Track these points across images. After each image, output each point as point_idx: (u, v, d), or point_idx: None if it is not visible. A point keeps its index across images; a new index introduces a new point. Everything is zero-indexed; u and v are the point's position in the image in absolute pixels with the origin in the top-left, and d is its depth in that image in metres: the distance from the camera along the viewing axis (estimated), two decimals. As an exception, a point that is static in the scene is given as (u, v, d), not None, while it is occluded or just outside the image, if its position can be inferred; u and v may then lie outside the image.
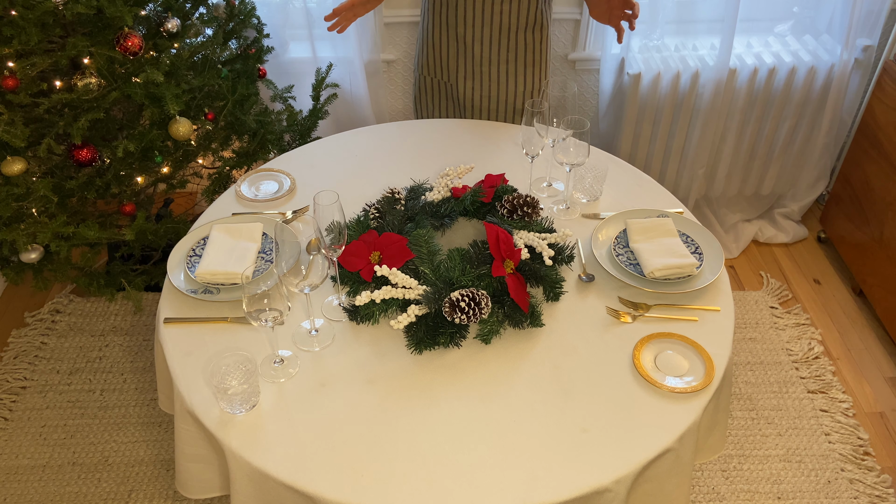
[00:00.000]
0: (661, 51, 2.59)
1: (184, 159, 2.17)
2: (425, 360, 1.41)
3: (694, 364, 1.40)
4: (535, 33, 2.00)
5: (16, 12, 1.77)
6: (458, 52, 2.02)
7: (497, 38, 1.98)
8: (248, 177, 1.87)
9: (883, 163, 2.39)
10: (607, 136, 2.76)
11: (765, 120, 2.66)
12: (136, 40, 1.88)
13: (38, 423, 2.17)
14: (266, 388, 1.36)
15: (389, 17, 2.52)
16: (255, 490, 1.27)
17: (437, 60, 2.08)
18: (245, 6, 2.28)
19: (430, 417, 1.30)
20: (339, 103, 2.64)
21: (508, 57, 2.02)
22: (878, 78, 2.44)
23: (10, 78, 1.81)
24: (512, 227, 1.58)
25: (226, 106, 2.18)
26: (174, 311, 1.51)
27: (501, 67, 2.04)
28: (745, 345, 2.41)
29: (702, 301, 1.54)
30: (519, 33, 1.98)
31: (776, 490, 2.01)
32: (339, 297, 1.53)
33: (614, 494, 1.22)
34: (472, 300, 1.37)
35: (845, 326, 2.49)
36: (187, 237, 1.65)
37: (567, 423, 1.30)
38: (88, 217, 2.09)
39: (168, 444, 2.11)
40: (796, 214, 2.87)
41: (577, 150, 1.68)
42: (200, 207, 2.74)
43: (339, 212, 1.37)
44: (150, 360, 2.35)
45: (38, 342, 2.40)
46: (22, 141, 1.81)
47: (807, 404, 2.22)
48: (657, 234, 1.63)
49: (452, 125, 2.08)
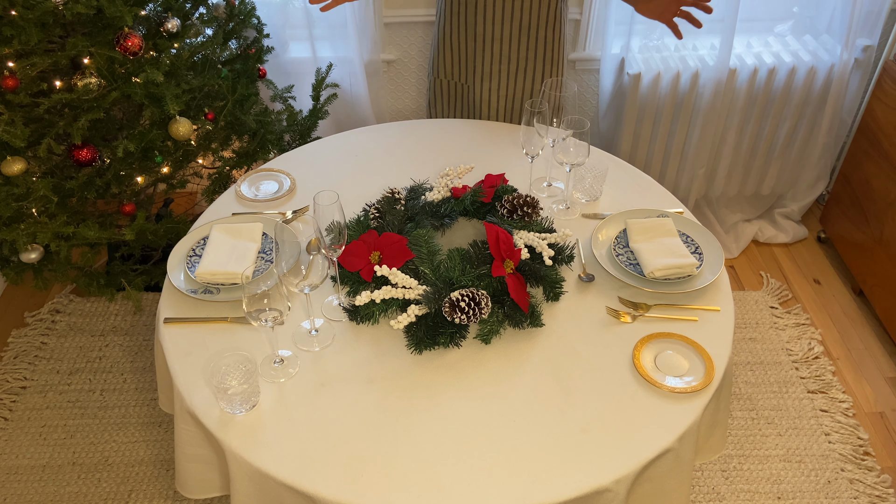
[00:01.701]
0: (660, 51, 2.59)
1: (184, 159, 2.17)
2: (425, 360, 1.41)
3: (694, 364, 1.40)
4: (553, 31, 2.00)
5: (16, 12, 1.77)
6: (476, 51, 2.02)
7: (517, 35, 1.98)
8: (248, 177, 1.87)
9: (883, 163, 2.39)
10: (607, 136, 2.76)
11: (765, 120, 2.66)
12: (136, 40, 1.88)
13: (38, 423, 2.17)
14: (266, 388, 1.36)
15: (389, 17, 2.52)
16: (255, 490, 1.27)
17: (452, 62, 2.08)
18: (245, 6, 2.28)
19: (430, 417, 1.30)
20: (339, 103, 2.64)
21: (528, 55, 2.02)
22: (878, 78, 2.44)
23: (10, 78, 1.81)
24: (512, 227, 1.58)
25: (226, 106, 2.18)
26: (174, 311, 1.51)
27: (520, 65, 2.03)
28: (745, 345, 2.41)
29: (702, 301, 1.54)
30: (539, 31, 1.98)
31: (776, 490, 2.01)
32: (339, 297, 1.53)
33: (614, 494, 1.22)
34: (472, 300, 1.37)
35: (845, 326, 2.49)
36: (187, 237, 1.65)
37: (567, 424, 1.30)
38: (88, 217, 2.09)
39: (168, 444, 2.11)
40: (796, 214, 2.87)
41: (577, 150, 1.68)
42: (200, 207, 2.74)
43: (339, 212, 1.37)
44: (150, 360, 2.35)
45: (38, 342, 2.40)
46: (22, 141, 1.81)
47: (807, 404, 2.22)
48: (657, 234, 1.63)
49: (452, 125, 2.08)
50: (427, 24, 2.56)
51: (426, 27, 2.57)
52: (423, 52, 2.64)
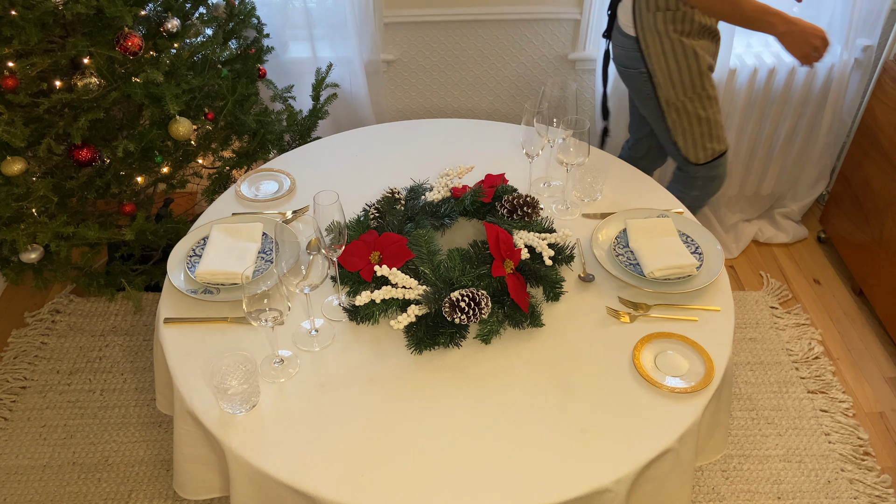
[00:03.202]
0: (661, 51, 2.59)
1: (184, 159, 2.17)
2: (425, 360, 1.41)
3: (694, 364, 1.40)
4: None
5: (16, 12, 1.77)
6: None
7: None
8: (248, 177, 1.87)
9: (883, 163, 2.39)
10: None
11: (765, 120, 2.66)
12: (136, 40, 1.88)
13: (38, 423, 2.17)
14: (266, 388, 1.36)
15: (389, 17, 2.52)
16: (255, 490, 1.27)
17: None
18: (245, 6, 2.28)
19: (430, 417, 1.30)
20: (339, 103, 2.64)
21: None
22: (878, 78, 2.44)
23: (10, 78, 1.81)
24: (512, 227, 1.58)
25: (226, 106, 2.18)
26: (174, 311, 1.51)
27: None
28: (745, 345, 2.41)
29: (702, 301, 1.54)
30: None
31: (776, 490, 2.01)
32: (339, 297, 1.53)
33: (614, 495, 1.22)
34: (472, 300, 1.37)
35: (845, 326, 2.49)
36: (187, 237, 1.65)
37: (567, 424, 1.29)
38: (88, 217, 2.09)
39: (168, 444, 2.11)
40: (796, 214, 2.87)
41: (577, 150, 1.68)
42: (200, 207, 2.74)
43: (339, 212, 1.37)
44: (150, 360, 2.35)
45: (38, 342, 2.40)
46: (22, 141, 1.81)
47: (807, 404, 2.22)
48: (657, 234, 1.63)
49: (452, 125, 2.08)
50: (427, 24, 2.56)
51: (426, 27, 2.57)
52: (424, 52, 2.64)
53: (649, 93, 2.04)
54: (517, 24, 2.58)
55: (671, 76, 1.97)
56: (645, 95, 2.07)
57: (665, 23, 1.90)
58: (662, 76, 1.98)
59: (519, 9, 2.54)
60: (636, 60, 2.00)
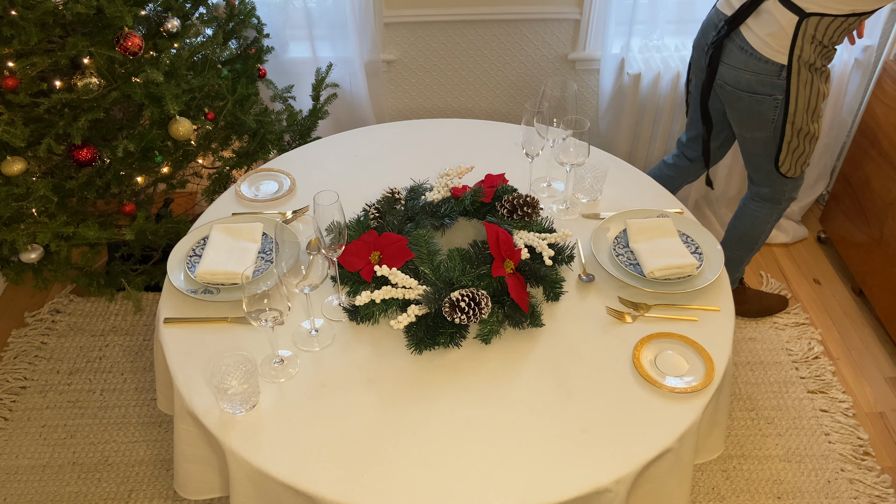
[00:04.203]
0: (661, 51, 2.59)
1: (184, 159, 2.17)
2: (425, 360, 1.41)
3: (694, 364, 1.40)
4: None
5: (16, 12, 1.77)
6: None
7: None
8: (248, 177, 1.87)
9: (883, 163, 2.39)
10: (607, 136, 2.76)
11: (765, 120, 2.66)
12: (136, 40, 1.88)
13: (38, 423, 2.17)
14: (266, 388, 1.36)
15: (389, 17, 2.52)
16: (255, 490, 1.27)
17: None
18: (245, 6, 2.28)
19: (430, 417, 1.30)
20: (339, 103, 2.64)
21: None
22: (878, 78, 2.44)
23: (10, 78, 1.81)
24: (512, 227, 1.58)
25: (226, 106, 2.18)
26: (174, 311, 1.51)
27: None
28: (745, 345, 2.41)
29: (702, 301, 1.54)
30: None
31: (776, 490, 2.01)
32: (339, 297, 1.53)
33: (614, 494, 1.22)
34: (472, 300, 1.37)
35: (845, 326, 2.49)
36: (187, 237, 1.65)
37: (567, 423, 1.30)
38: (88, 217, 2.09)
39: (168, 444, 2.11)
40: (796, 214, 2.87)
41: (577, 150, 1.68)
42: (200, 207, 2.74)
43: (339, 212, 1.37)
44: (150, 360, 2.35)
45: (38, 342, 2.40)
46: (22, 141, 1.81)
47: (807, 404, 2.22)
48: (657, 234, 1.63)
49: (452, 125, 2.08)
50: (427, 24, 2.56)
51: (426, 27, 2.57)
52: (424, 52, 2.64)
53: (774, 118, 1.95)
54: (517, 24, 2.59)
55: (808, 104, 1.90)
56: (766, 119, 1.96)
57: (819, 56, 1.85)
58: (802, 104, 1.90)
59: (519, 9, 2.54)
60: (774, 87, 1.89)
